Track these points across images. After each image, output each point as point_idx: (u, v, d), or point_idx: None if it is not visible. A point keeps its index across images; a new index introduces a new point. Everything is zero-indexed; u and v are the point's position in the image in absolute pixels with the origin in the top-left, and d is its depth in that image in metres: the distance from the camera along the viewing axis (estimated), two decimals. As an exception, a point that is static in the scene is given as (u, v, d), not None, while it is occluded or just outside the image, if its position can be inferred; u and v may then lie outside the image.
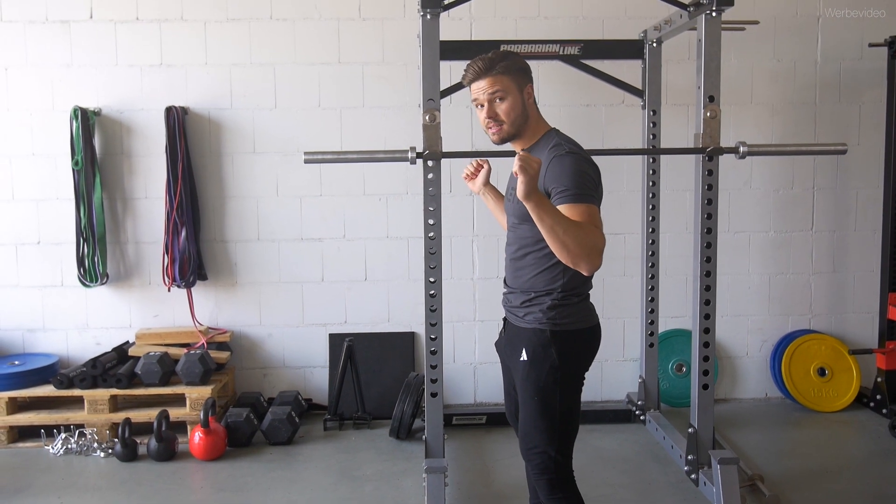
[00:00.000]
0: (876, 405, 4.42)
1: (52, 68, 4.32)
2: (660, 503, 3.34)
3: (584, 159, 2.33)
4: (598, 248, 2.16)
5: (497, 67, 2.39)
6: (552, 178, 2.28)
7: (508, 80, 2.40)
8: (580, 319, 2.41)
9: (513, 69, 2.40)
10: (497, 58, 2.41)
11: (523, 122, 2.44)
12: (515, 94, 2.41)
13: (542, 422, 2.36)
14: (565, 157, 2.29)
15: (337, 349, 4.44)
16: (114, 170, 4.40)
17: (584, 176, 2.26)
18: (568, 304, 2.38)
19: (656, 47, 4.03)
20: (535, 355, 2.37)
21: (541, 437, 2.37)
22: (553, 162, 2.30)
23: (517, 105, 2.41)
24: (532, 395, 2.37)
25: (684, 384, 4.52)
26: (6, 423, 4.02)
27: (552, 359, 2.34)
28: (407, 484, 3.55)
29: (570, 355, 2.38)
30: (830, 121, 4.58)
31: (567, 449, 2.41)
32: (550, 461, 2.37)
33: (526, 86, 2.43)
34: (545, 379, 2.35)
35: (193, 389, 4.07)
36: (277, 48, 4.38)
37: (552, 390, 2.35)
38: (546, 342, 2.36)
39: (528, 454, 2.43)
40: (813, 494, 3.40)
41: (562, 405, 2.37)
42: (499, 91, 2.39)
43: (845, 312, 4.71)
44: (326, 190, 4.47)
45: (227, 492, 3.50)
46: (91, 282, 4.32)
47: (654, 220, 4.16)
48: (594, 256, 2.16)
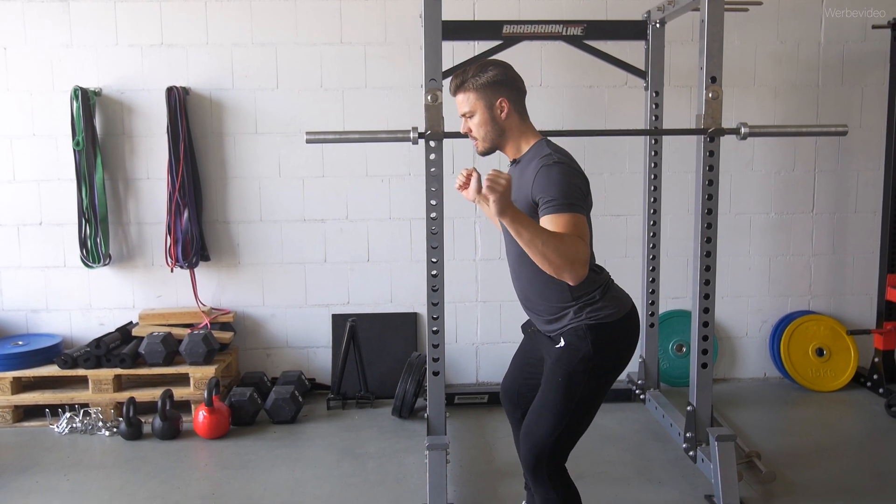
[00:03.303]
0: (873, 385, 4.46)
1: (51, 48, 4.31)
2: (659, 480, 3.38)
3: (573, 170, 2.30)
4: (580, 258, 2.14)
5: (467, 84, 2.41)
6: (539, 188, 2.25)
7: (475, 97, 2.41)
8: (613, 311, 2.38)
9: (482, 84, 2.40)
10: (470, 73, 2.42)
11: (497, 136, 2.45)
12: (482, 110, 2.42)
13: (557, 404, 2.34)
14: (553, 167, 2.27)
15: (340, 329, 4.46)
16: (115, 150, 4.40)
17: (571, 186, 2.23)
18: (593, 301, 2.37)
19: (659, 28, 4.03)
20: (570, 344, 2.35)
21: (548, 420, 2.35)
22: (541, 172, 2.27)
23: (486, 121, 2.43)
24: (558, 377, 2.35)
25: (684, 364, 4.56)
26: (11, 403, 4.05)
27: (587, 349, 2.33)
28: (409, 461, 3.59)
29: (606, 347, 2.36)
30: (833, 103, 4.58)
31: (568, 441, 2.40)
32: (545, 449, 2.36)
33: (497, 100, 2.40)
34: (576, 366, 2.33)
35: (197, 369, 4.09)
36: (279, 28, 4.37)
37: (580, 378, 2.33)
38: (583, 334, 2.34)
39: (527, 430, 2.41)
40: (809, 472, 3.44)
41: (582, 396, 2.34)
42: (467, 108, 2.44)
43: (844, 294, 4.74)
44: (329, 171, 4.47)
45: (232, 469, 3.53)
46: (94, 262, 4.34)
47: (656, 201, 4.18)
48: (577, 266, 2.13)
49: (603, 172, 4.50)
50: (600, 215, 4.43)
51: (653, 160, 4.14)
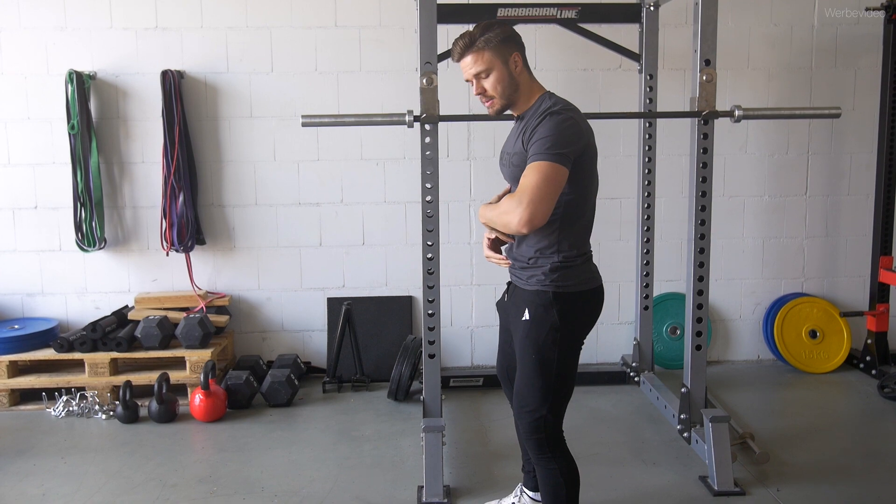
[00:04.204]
0: (866, 366, 4.50)
1: (45, 31, 4.30)
2: (653, 461, 3.40)
3: (568, 119, 2.32)
4: (508, 210, 2.26)
5: (478, 43, 2.40)
6: (531, 139, 2.30)
7: (490, 55, 2.40)
8: (582, 281, 2.43)
9: (494, 42, 2.40)
10: (477, 33, 2.41)
11: (513, 92, 2.45)
12: (500, 66, 2.41)
13: (537, 380, 2.40)
14: (549, 119, 2.30)
15: (335, 313, 4.48)
16: (110, 134, 4.39)
17: (559, 136, 2.26)
18: (570, 265, 2.40)
19: (654, 11, 4.02)
20: (536, 315, 2.40)
21: (534, 396, 2.41)
22: (539, 123, 2.32)
23: (503, 77, 2.42)
24: (530, 353, 2.40)
25: (678, 346, 4.59)
26: (7, 387, 4.06)
27: (553, 319, 2.37)
28: (405, 444, 3.62)
29: (571, 316, 2.40)
30: (826, 86, 4.59)
31: (559, 410, 2.45)
32: (542, 421, 2.41)
33: (511, 55, 2.42)
34: (545, 338, 2.38)
35: (193, 353, 4.11)
36: (274, 11, 4.35)
37: (551, 350, 2.38)
38: (548, 303, 2.38)
39: (520, 412, 2.46)
40: (803, 453, 3.48)
41: (559, 366, 2.40)
42: (482, 67, 2.41)
43: (837, 276, 4.76)
44: (324, 155, 4.47)
45: (229, 452, 3.55)
46: (89, 246, 4.34)
47: (650, 184, 4.19)
48: (511, 216, 2.24)
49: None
50: (595, 199, 4.44)
51: (647, 143, 4.15)
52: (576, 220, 2.41)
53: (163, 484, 3.24)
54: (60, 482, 3.27)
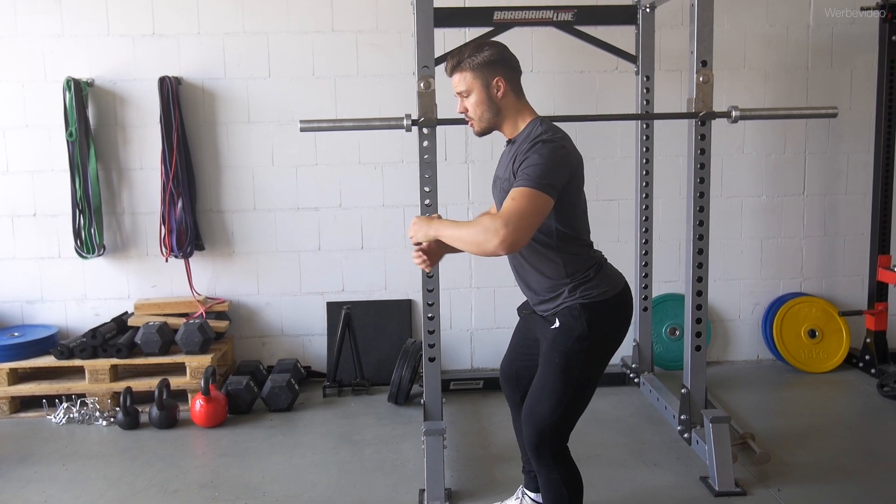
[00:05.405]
0: (865, 365, 4.50)
1: (43, 39, 4.30)
2: (654, 462, 3.41)
3: (560, 149, 2.31)
4: (489, 228, 2.16)
5: (463, 63, 2.42)
6: (520, 165, 2.30)
7: (472, 77, 2.41)
8: (606, 289, 2.42)
9: (478, 64, 2.40)
10: (465, 53, 2.43)
11: (494, 116, 2.45)
12: (479, 89, 2.42)
13: (556, 384, 2.37)
14: (541, 146, 2.29)
15: (335, 317, 4.48)
16: (108, 141, 4.40)
17: (549, 166, 2.25)
18: (587, 280, 2.40)
19: (650, 13, 4.03)
20: (565, 323, 2.39)
21: (548, 400, 2.38)
22: (528, 151, 2.31)
23: (483, 100, 2.43)
24: (555, 358, 2.38)
25: (677, 347, 4.59)
26: (8, 394, 4.06)
27: (582, 328, 2.36)
28: (406, 447, 3.62)
29: (600, 325, 2.39)
30: (822, 85, 4.60)
31: (569, 422, 2.42)
32: (548, 429, 2.38)
33: (494, 78, 2.41)
34: (572, 345, 2.36)
35: (193, 358, 4.11)
36: (270, 16, 4.36)
37: (577, 357, 2.36)
38: (577, 313, 2.37)
39: (528, 415, 2.42)
40: (803, 452, 3.48)
41: (580, 375, 2.37)
42: (464, 88, 2.44)
43: (836, 275, 4.77)
44: (322, 159, 4.48)
45: (230, 457, 3.55)
46: (88, 253, 4.34)
47: (648, 185, 4.20)
48: (487, 241, 2.17)
49: (595, 157, 4.51)
50: (592, 200, 4.37)
51: (644, 144, 4.16)
52: (572, 242, 2.42)
53: (164, 490, 3.24)
54: (62, 489, 3.26)
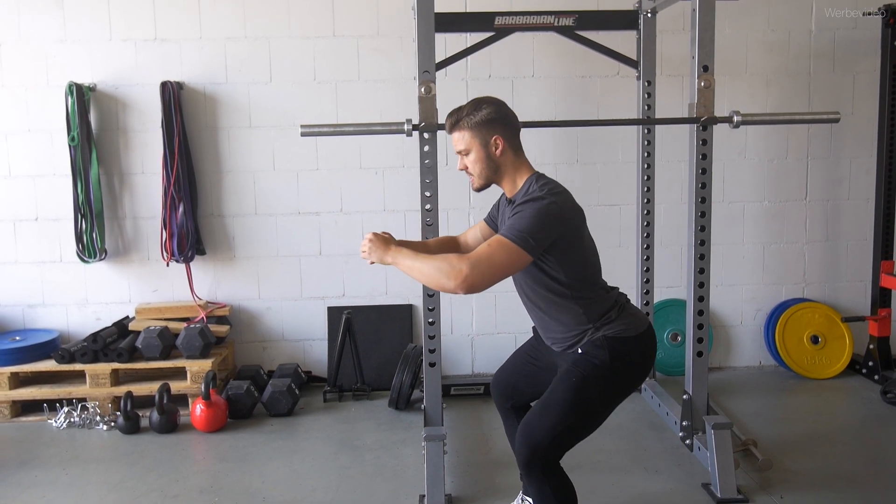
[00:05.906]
0: (868, 372, 4.48)
1: (45, 43, 4.31)
2: (655, 469, 3.39)
3: (551, 205, 2.31)
4: (454, 266, 2.20)
5: (461, 122, 2.47)
6: (513, 216, 2.33)
7: (471, 136, 2.46)
8: (630, 327, 2.43)
9: (476, 123, 2.44)
10: (465, 111, 2.47)
11: (493, 173, 2.49)
12: (478, 147, 2.46)
13: (565, 403, 2.35)
14: (531, 203, 2.32)
15: (335, 322, 4.47)
16: (110, 145, 4.40)
17: (535, 222, 2.27)
18: (609, 320, 2.42)
19: (651, 18, 4.03)
20: (588, 352, 2.40)
21: (552, 415, 2.35)
22: (522, 205, 2.34)
23: (482, 158, 2.47)
24: (572, 377, 2.37)
25: (679, 353, 4.58)
26: (9, 398, 4.06)
27: (605, 356, 2.37)
28: (406, 452, 3.61)
29: (623, 358, 2.40)
30: (824, 90, 4.59)
31: (564, 444, 2.39)
32: (543, 441, 2.34)
33: (492, 137, 2.44)
34: (592, 371, 2.37)
35: (194, 363, 4.11)
36: (272, 21, 4.37)
37: (592, 383, 2.36)
38: (600, 343, 2.39)
39: (527, 425, 2.38)
40: (806, 459, 3.46)
41: (591, 400, 2.37)
42: (463, 146, 2.48)
43: (838, 281, 4.75)
44: (323, 164, 4.48)
45: (230, 462, 3.55)
46: (90, 257, 4.34)
47: (650, 190, 4.19)
48: (448, 280, 2.21)
49: (596, 162, 4.51)
50: (594, 205, 4.45)
51: (646, 149, 4.15)
52: (585, 289, 2.43)
53: (164, 495, 3.23)
54: (62, 493, 3.26)
